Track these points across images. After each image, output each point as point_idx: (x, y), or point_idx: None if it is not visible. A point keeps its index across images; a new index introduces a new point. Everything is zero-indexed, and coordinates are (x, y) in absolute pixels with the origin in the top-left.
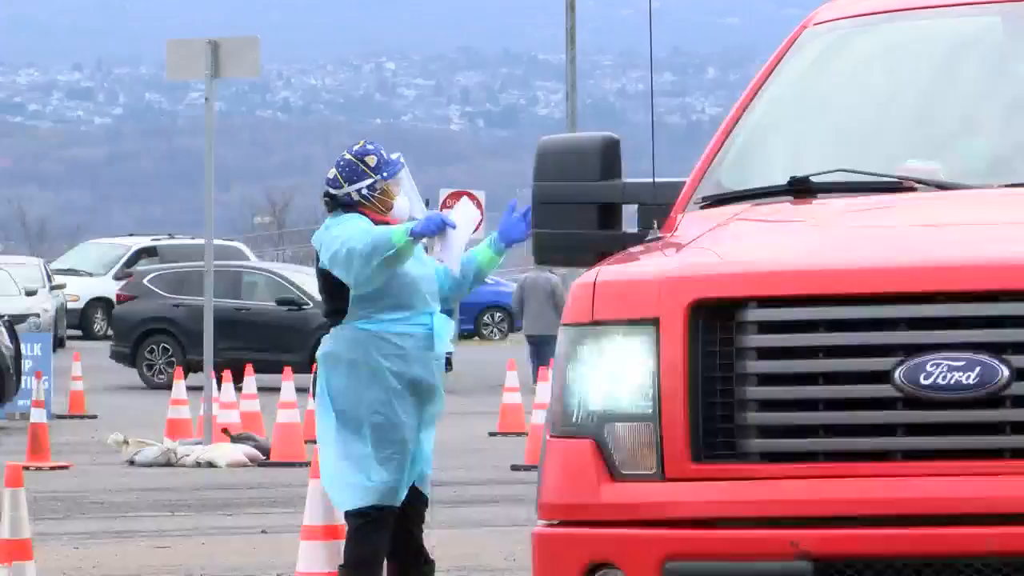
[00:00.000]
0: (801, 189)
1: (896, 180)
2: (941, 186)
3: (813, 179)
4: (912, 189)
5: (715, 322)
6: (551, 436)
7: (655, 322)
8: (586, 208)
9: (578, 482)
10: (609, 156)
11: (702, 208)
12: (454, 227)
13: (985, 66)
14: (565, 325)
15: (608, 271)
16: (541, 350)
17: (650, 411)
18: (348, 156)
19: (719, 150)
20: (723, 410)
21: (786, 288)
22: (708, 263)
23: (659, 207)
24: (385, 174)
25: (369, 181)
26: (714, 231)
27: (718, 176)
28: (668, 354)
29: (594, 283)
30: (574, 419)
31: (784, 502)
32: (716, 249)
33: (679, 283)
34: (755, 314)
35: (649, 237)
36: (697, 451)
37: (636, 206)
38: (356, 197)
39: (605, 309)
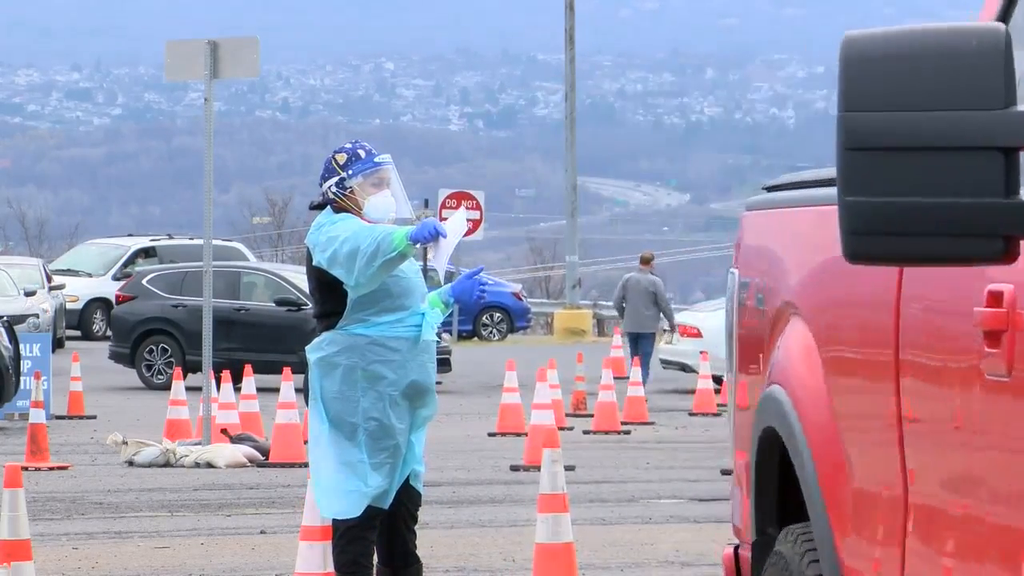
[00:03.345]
0: None
1: None
2: None
3: None
4: None
5: None
6: None
7: None
8: (972, 158)
9: None
10: (1008, 66)
11: None
12: (445, 236)
13: None
14: None
15: None
16: (639, 345)
17: None
18: (330, 154)
19: None
20: None
21: None
22: None
23: None
24: (350, 171)
25: (336, 179)
26: None
27: None
28: None
29: None
30: None
31: None
32: None
33: None
34: None
35: None
36: None
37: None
38: (331, 195)
39: None
